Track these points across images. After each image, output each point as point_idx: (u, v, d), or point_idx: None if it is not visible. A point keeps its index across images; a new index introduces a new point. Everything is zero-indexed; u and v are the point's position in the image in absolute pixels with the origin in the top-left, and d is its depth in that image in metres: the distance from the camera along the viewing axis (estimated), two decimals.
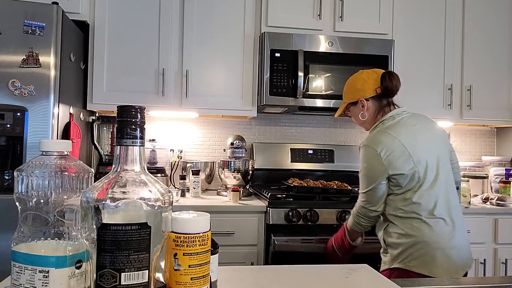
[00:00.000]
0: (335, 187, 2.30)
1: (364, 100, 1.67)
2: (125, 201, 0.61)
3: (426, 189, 1.53)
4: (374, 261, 1.58)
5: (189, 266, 0.65)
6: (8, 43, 1.87)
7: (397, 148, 1.53)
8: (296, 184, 2.28)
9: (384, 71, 1.69)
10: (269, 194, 2.16)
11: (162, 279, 0.69)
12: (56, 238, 0.66)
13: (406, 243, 1.52)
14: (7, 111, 1.87)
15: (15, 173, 0.67)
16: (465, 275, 1.60)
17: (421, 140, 1.58)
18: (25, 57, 1.89)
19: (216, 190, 2.63)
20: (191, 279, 0.65)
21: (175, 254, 0.65)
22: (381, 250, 1.65)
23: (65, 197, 0.67)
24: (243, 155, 2.60)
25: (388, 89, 1.63)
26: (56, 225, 0.67)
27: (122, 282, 0.60)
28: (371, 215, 1.63)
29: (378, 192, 1.58)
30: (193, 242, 0.65)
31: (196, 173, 2.40)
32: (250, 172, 2.54)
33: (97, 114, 2.67)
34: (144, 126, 0.66)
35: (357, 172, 1.71)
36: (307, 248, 2.08)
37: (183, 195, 2.38)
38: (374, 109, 1.68)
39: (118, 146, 0.65)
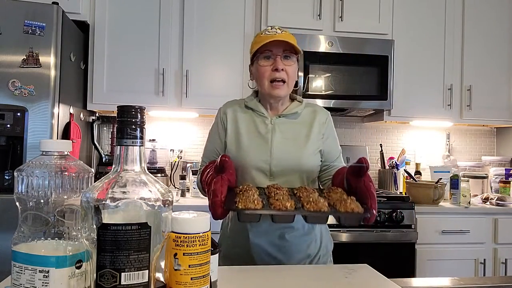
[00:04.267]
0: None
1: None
2: (125, 201, 0.61)
3: None
4: None
5: (189, 266, 0.65)
6: (8, 43, 1.88)
7: None
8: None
9: None
10: None
11: (162, 279, 0.69)
12: (56, 238, 0.66)
13: None
14: (7, 111, 1.87)
15: (15, 173, 0.67)
16: None
17: None
18: (25, 57, 1.89)
19: None
20: (191, 279, 0.65)
21: (175, 254, 0.65)
22: None
23: (65, 197, 0.67)
24: None
25: None
26: (56, 225, 0.66)
27: (122, 282, 0.60)
28: None
29: None
30: (193, 242, 0.65)
31: (196, 173, 2.39)
32: None
33: (97, 114, 2.67)
34: (144, 126, 0.66)
35: None
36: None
37: (183, 195, 2.38)
38: None
39: (118, 146, 0.65)
